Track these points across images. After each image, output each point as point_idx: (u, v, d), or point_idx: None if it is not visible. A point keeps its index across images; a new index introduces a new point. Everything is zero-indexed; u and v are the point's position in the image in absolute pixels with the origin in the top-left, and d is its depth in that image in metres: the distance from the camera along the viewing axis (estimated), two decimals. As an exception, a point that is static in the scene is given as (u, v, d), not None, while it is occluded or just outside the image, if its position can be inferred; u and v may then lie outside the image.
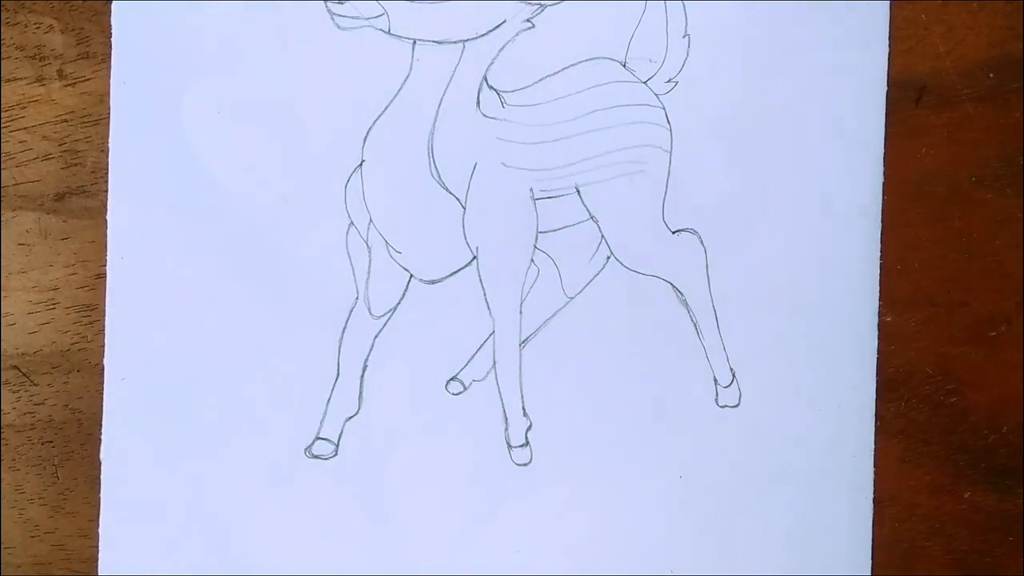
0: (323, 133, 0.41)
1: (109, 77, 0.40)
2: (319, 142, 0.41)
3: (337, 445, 0.41)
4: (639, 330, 0.42)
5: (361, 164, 0.41)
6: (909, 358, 0.43)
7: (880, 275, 0.42)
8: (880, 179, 0.42)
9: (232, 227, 0.41)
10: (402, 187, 0.40)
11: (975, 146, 0.43)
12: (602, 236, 0.41)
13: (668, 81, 0.41)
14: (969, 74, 0.42)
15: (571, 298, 0.42)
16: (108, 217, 0.40)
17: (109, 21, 0.40)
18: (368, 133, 0.40)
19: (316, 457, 0.41)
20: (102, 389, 0.40)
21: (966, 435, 0.43)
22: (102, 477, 0.40)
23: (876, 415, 0.42)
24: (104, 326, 0.40)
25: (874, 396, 0.42)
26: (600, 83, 0.41)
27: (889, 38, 0.42)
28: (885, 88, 0.42)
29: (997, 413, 0.43)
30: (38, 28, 0.41)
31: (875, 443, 0.42)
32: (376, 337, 0.41)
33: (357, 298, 0.41)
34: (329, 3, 0.40)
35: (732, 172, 0.42)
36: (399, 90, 0.40)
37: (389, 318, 0.41)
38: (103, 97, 0.41)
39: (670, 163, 0.41)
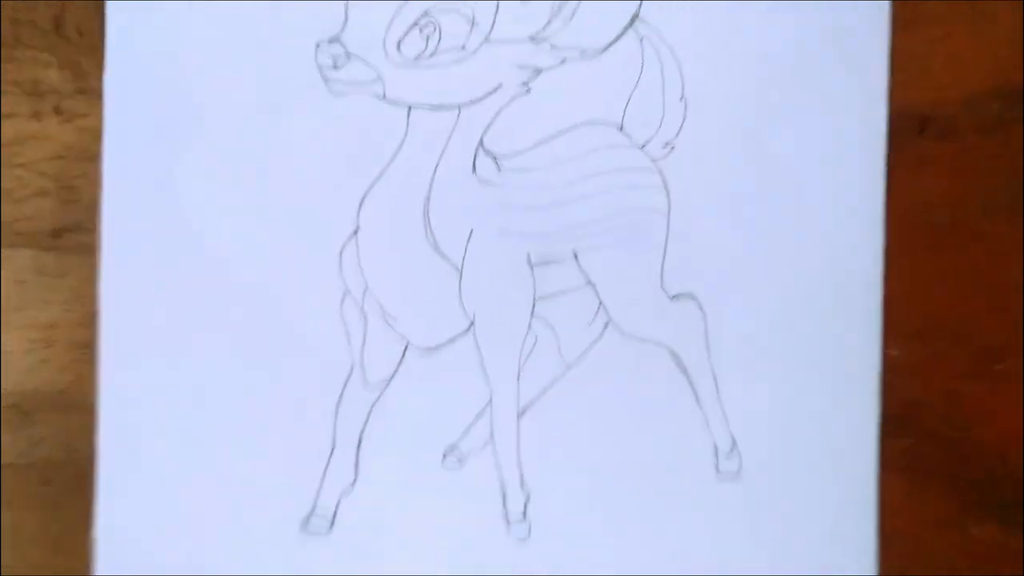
0: (318, 199, 0.40)
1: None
2: (314, 208, 0.40)
3: (333, 519, 0.40)
4: (639, 397, 0.41)
5: (356, 231, 0.40)
6: (915, 393, 0.42)
7: (885, 308, 0.42)
8: (881, 240, 0.42)
9: (225, 295, 0.40)
10: (398, 254, 0.40)
11: (979, 176, 0.42)
12: (600, 302, 0.41)
13: (666, 145, 0.41)
14: (972, 104, 0.42)
15: (569, 365, 0.41)
16: (100, 274, 0.40)
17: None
18: (363, 199, 0.40)
19: (312, 533, 0.40)
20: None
21: (973, 470, 0.42)
22: (96, 530, 0.40)
23: (881, 449, 0.42)
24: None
25: (877, 471, 0.42)
26: (596, 148, 0.40)
27: (891, 69, 0.42)
28: (885, 126, 0.42)
29: (1004, 447, 0.42)
30: (35, 64, 0.41)
31: (881, 479, 0.42)
32: (372, 407, 0.40)
33: (352, 367, 0.40)
34: (324, 68, 0.39)
35: (733, 227, 0.42)
36: (394, 156, 0.40)
37: (385, 387, 0.40)
38: (100, 133, 0.40)
39: (668, 226, 0.41)
